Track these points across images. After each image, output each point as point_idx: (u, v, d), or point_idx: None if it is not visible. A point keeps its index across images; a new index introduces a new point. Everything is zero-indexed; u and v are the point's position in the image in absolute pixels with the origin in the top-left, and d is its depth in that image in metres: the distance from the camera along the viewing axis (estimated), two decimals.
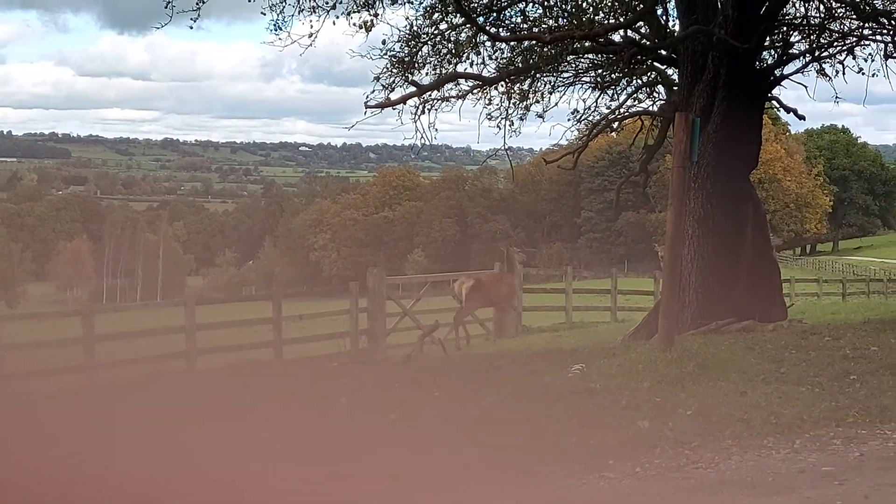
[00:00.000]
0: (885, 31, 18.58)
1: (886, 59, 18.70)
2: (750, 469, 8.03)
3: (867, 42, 19.07)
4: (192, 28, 23.43)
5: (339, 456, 8.25)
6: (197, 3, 16.84)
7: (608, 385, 10.84)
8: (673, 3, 18.54)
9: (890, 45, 18.51)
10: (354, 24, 18.15)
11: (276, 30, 18.29)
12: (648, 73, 21.32)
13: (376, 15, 18.08)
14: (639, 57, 19.51)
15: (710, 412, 9.50)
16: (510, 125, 20.50)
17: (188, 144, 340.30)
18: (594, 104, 21.64)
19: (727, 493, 7.49)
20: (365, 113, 17.90)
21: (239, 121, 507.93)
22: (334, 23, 18.16)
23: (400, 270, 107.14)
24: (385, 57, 18.74)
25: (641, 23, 18.95)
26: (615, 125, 23.64)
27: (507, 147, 21.18)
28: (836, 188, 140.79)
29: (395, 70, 18.87)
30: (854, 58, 19.18)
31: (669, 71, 20.35)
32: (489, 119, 20.37)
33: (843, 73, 19.31)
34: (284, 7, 18.00)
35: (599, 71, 21.20)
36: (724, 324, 15.77)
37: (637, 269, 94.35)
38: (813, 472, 7.87)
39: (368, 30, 18.12)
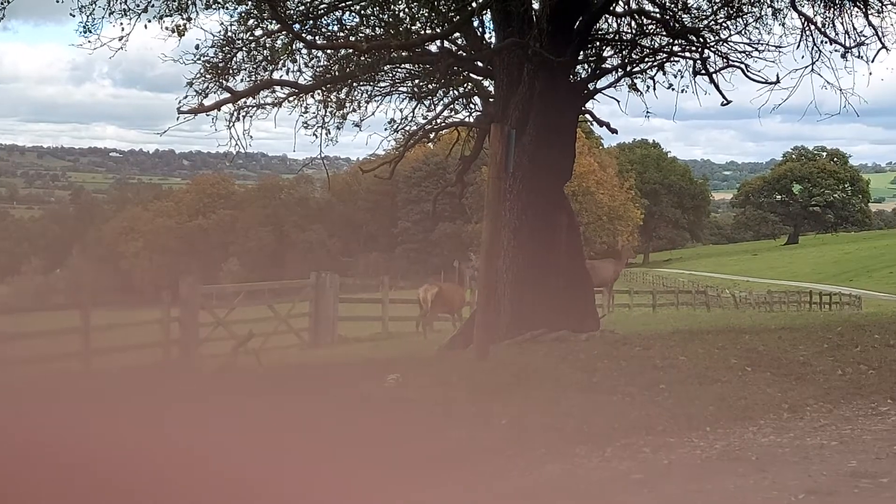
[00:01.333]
0: (693, 49, 19.06)
1: (695, 76, 19.16)
2: (562, 477, 8.09)
3: (677, 59, 19.49)
4: None
5: (139, 468, 7.97)
6: (1, 3, 16.24)
7: (423, 395, 10.82)
8: (489, 15, 18.63)
9: (698, 62, 19.00)
10: (167, 28, 17.79)
11: (85, 32, 17.73)
12: (465, 85, 21.39)
13: (189, 19, 17.76)
14: (455, 68, 19.60)
15: (523, 421, 9.56)
16: (326, 134, 20.28)
17: None
18: (411, 114, 21.61)
19: (539, 501, 7.52)
20: (178, 119, 17.46)
21: (46, 125, 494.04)
22: (146, 26, 17.73)
23: (215, 279, 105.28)
24: (199, 62, 18.38)
25: (458, 34, 19.01)
26: (432, 136, 23.73)
27: (323, 156, 21.02)
28: (647, 202, 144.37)
29: (208, 76, 18.50)
30: (664, 74, 19.53)
31: (486, 82, 20.47)
32: (305, 127, 20.13)
33: (654, 89, 19.61)
34: (94, 9, 17.47)
35: (416, 81, 21.21)
36: (539, 334, 15.87)
37: (453, 280, 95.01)
38: (624, 480, 7.97)
39: (181, 34, 17.78)
